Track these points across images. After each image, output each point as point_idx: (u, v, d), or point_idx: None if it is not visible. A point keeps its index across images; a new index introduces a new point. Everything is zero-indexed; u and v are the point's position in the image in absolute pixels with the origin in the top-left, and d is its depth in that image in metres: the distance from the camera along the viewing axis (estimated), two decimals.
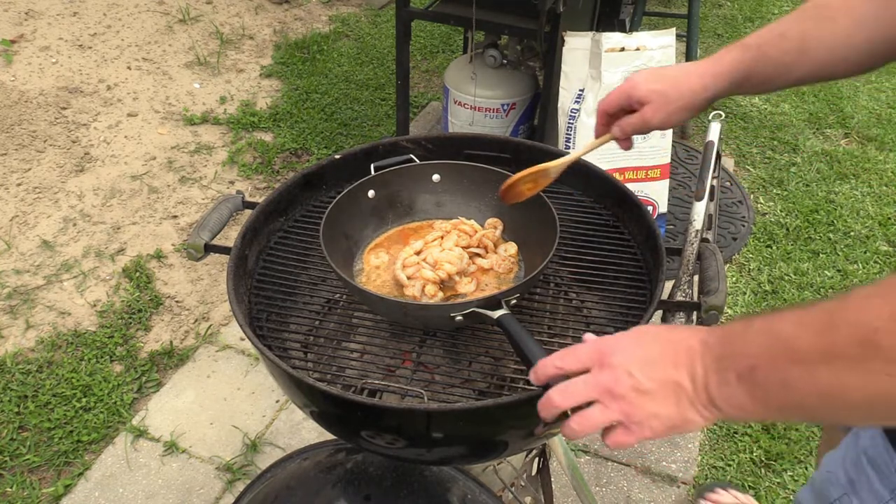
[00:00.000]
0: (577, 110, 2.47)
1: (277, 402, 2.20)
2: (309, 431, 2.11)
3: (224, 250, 1.16)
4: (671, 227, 2.79)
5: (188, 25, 3.96)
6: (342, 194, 1.18)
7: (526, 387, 0.98)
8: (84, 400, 2.17)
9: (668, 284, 1.09)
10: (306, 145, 3.23)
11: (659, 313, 1.08)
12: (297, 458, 1.32)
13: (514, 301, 1.04)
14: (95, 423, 2.11)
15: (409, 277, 1.12)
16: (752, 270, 2.70)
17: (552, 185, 1.28)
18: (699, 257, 1.14)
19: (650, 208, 2.44)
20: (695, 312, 1.06)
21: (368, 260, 1.21)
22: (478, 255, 1.19)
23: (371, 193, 1.23)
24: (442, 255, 1.14)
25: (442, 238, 1.20)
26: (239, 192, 1.31)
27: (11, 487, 1.95)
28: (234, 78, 3.67)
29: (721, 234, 2.81)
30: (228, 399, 2.22)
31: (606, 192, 1.29)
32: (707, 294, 1.03)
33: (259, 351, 1.00)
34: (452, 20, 2.58)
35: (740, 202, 2.99)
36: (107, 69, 3.59)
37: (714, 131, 1.37)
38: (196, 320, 2.46)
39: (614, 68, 2.40)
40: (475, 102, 2.71)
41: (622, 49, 2.40)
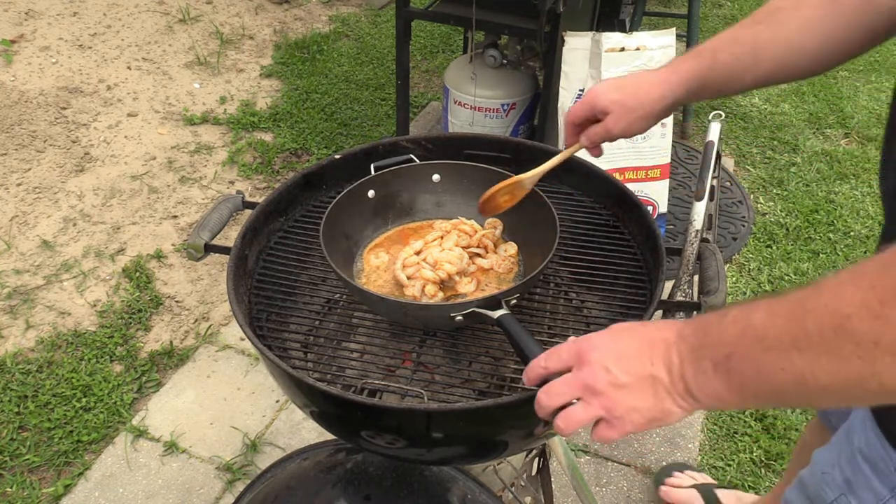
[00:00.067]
0: None
1: (277, 402, 2.20)
2: (309, 431, 2.11)
3: (224, 250, 1.16)
4: (671, 227, 2.79)
5: (188, 25, 3.96)
6: (342, 194, 1.18)
7: (526, 387, 0.98)
8: (84, 400, 2.17)
9: (668, 284, 1.09)
10: (306, 145, 3.23)
11: (659, 313, 1.08)
12: (297, 458, 1.32)
13: (514, 301, 1.04)
14: (95, 423, 2.12)
15: (409, 277, 1.12)
16: (752, 270, 2.70)
17: (552, 185, 1.29)
18: (699, 257, 1.14)
19: (650, 208, 2.44)
20: (695, 312, 1.06)
21: (368, 260, 1.21)
22: (478, 255, 1.19)
23: (371, 193, 1.23)
24: (442, 255, 1.14)
25: (442, 238, 1.20)
26: (239, 192, 1.31)
27: (11, 487, 1.95)
28: (234, 78, 3.67)
29: (721, 234, 2.81)
30: (228, 399, 2.22)
31: (606, 192, 1.30)
32: (707, 294, 1.03)
33: (259, 351, 1.00)
34: (452, 20, 2.58)
35: (740, 202, 2.99)
36: (107, 69, 3.59)
37: (714, 131, 1.37)
38: (196, 320, 2.46)
39: (614, 68, 2.40)
40: (475, 102, 2.71)
41: (622, 49, 2.40)
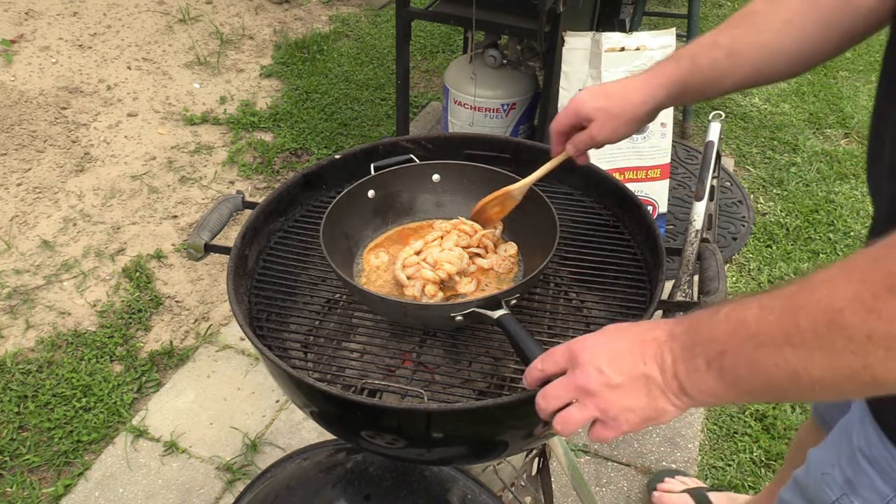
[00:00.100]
0: None
1: (277, 402, 2.20)
2: (309, 431, 2.11)
3: (224, 250, 1.16)
4: (671, 227, 2.79)
5: (188, 25, 3.96)
6: (342, 194, 1.18)
7: (526, 387, 0.99)
8: (84, 400, 2.17)
9: (668, 284, 1.09)
10: (306, 145, 3.23)
11: (659, 313, 1.08)
12: (297, 458, 1.32)
13: (514, 301, 1.04)
14: (95, 423, 2.11)
15: (409, 277, 1.12)
16: (752, 270, 2.70)
17: (552, 185, 1.29)
18: (699, 257, 1.14)
19: (650, 208, 2.44)
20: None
21: (368, 260, 1.21)
22: (478, 255, 1.19)
23: (371, 193, 1.23)
24: (442, 256, 1.14)
25: (442, 238, 1.20)
26: (239, 192, 1.31)
27: (11, 487, 1.95)
28: (234, 78, 3.67)
29: (721, 234, 2.81)
30: (228, 399, 2.22)
31: (606, 192, 1.29)
32: (707, 294, 1.03)
33: (259, 351, 1.00)
34: (452, 20, 2.58)
35: (740, 202, 2.99)
36: (107, 69, 3.59)
37: (714, 131, 1.37)
38: (196, 320, 2.46)
39: (614, 68, 2.40)
40: (475, 102, 2.71)
41: (622, 49, 2.40)
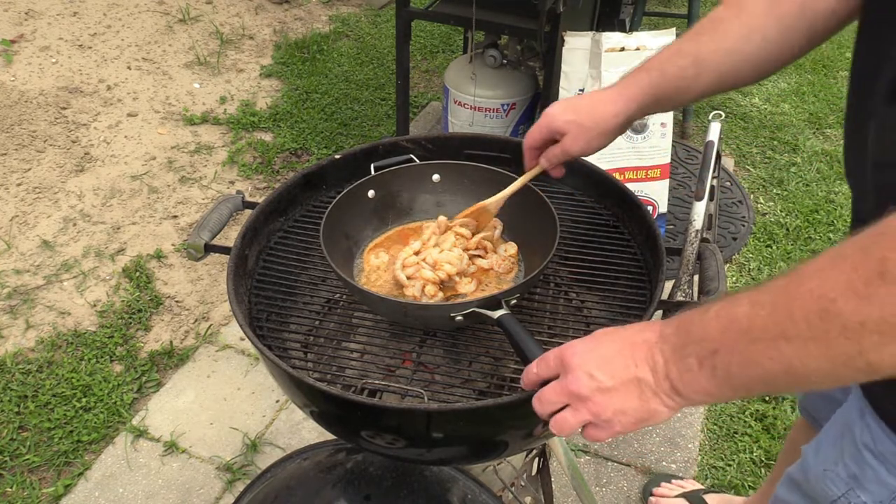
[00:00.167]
0: None
1: (277, 402, 2.20)
2: (309, 431, 2.11)
3: (224, 250, 1.16)
4: (671, 227, 2.79)
5: (188, 25, 3.96)
6: (342, 194, 1.18)
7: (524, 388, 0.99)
8: (84, 400, 2.17)
9: (668, 284, 1.09)
10: (306, 145, 3.23)
11: (659, 313, 1.08)
12: (297, 458, 1.32)
13: (514, 301, 1.04)
14: (95, 423, 2.11)
15: (408, 278, 1.12)
16: (752, 270, 2.70)
17: (552, 185, 1.29)
18: (699, 257, 1.14)
19: (650, 208, 2.44)
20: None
21: (368, 260, 1.21)
22: (478, 255, 1.19)
23: (371, 193, 1.23)
24: (441, 256, 1.14)
25: (438, 237, 1.20)
26: (239, 192, 1.31)
27: (11, 487, 1.95)
28: (234, 78, 3.67)
29: (721, 234, 2.81)
30: (228, 399, 2.22)
31: (606, 192, 1.30)
32: (707, 294, 1.03)
33: (259, 351, 1.00)
34: (452, 20, 2.58)
35: (740, 202, 2.99)
36: (107, 69, 3.59)
37: (714, 131, 1.37)
38: (196, 320, 2.46)
39: (614, 68, 2.40)
40: (475, 102, 2.71)
41: (622, 49, 2.40)
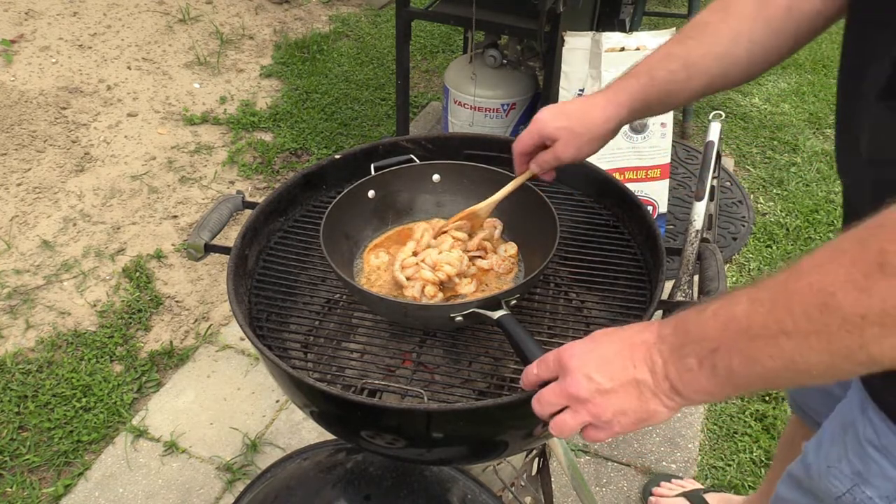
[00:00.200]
0: None
1: (277, 402, 2.20)
2: (309, 431, 2.11)
3: (224, 250, 1.16)
4: (671, 227, 2.79)
5: (188, 25, 3.96)
6: (342, 194, 1.18)
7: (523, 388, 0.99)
8: (84, 400, 2.17)
9: (668, 284, 1.09)
10: (306, 145, 3.23)
11: (659, 313, 1.08)
12: (297, 458, 1.32)
13: (514, 301, 1.04)
14: (95, 423, 2.11)
15: (408, 279, 1.12)
16: (752, 270, 2.70)
17: (552, 186, 1.28)
18: (699, 257, 1.14)
19: (650, 208, 2.44)
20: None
21: (368, 260, 1.21)
22: (478, 256, 1.19)
23: (371, 193, 1.23)
24: (441, 257, 1.14)
25: (435, 237, 1.20)
26: (239, 192, 1.31)
27: (11, 487, 1.95)
28: (234, 78, 3.67)
29: (721, 234, 2.81)
30: (228, 399, 2.22)
31: (606, 192, 1.30)
32: (707, 294, 1.03)
33: (259, 351, 1.00)
34: (452, 20, 2.58)
35: (740, 202, 2.99)
36: (107, 69, 3.59)
37: (714, 131, 1.37)
38: (196, 320, 2.46)
39: (614, 68, 2.40)
40: (475, 102, 2.71)
41: (622, 49, 2.40)
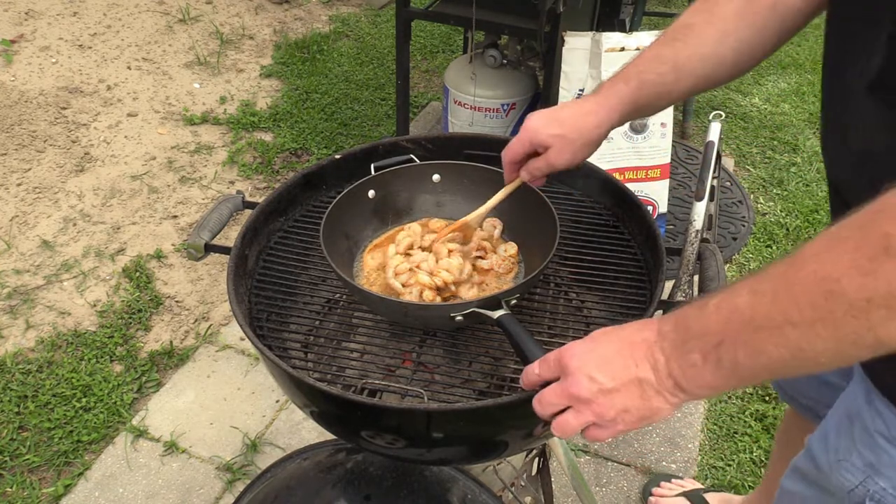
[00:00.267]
0: None
1: (277, 402, 2.20)
2: (309, 431, 2.11)
3: (224, 250, 1.16)
4: (671, 227, 2.79)
5: (188, 25, 3.96)
6: (342, 194, 1.18)
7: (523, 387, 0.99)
8: (84, 400, 2.17)
9: (669, 284, 1.09)
10: (306, 145, 3.23)
11: (659, 313, 1.08)
12: (297, 458, 1.32)
13: (514, 301, 1.04)
14: (95, 423, 2.11)
15: (403, 285, 1.11)
16: (752, 270, 2.69)
17: (552, 185, 1.29)
18: (699, 257, 1.14)
19: (650, 208, 2.44)
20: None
21: (366, 261, 1.21)
22: (479, 256, 1.19)
23: (371, 193, 1.23)
24: (440, 264, 1.13)
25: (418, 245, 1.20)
26: (239, 192, 1.31)
27: (11, 487, 1.95)
28: (234, 78, 3.67)
29: (721, 234, 2.81)
30: (228, 399, 2.22)
31: (606, 192, 1.30)
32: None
33: (259, 351, 1.00)
34: (452, 20, 2.58)
35: (740, 202, 2.99)
36: (107, 69, 3.59)
37: (714, 131, 1.37)
38: (196, 320, 2.46)
39: (614, 68, 2.36)
40: (475, 102, 2.71)
41: (622, 49, 2.40)
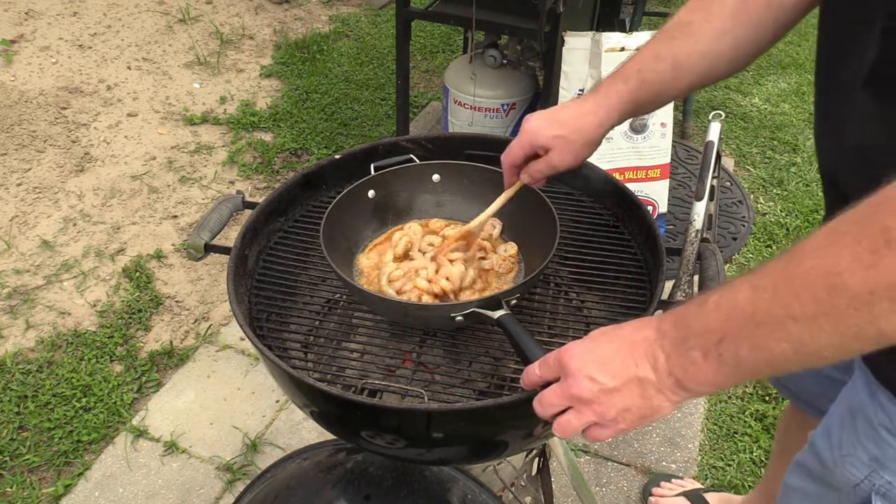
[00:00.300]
0: None
1: (277, 402, 2.20)
2: (309, 431, 2.11)
3: (224, 250, 1.16)
4: (671, 227, 2.79)
5: (188, 25, 3.96)
6: (342, 194, 1.18)
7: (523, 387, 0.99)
8: (84, 400, 2.17)
9: (669, 284, 1.09)
10: (306, 145, 3.23)
11: (659, 313, 1.08)
12: (297, 458, 1.32)
13: (514, 301, 1.04)
14: (95, 423, 2.11)
15: (398, 292, 1.11)
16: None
17: (552, 185, 1.29)
18: (699, 257, 1.14)
19: (650, 208, 2.44)
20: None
21: (362, 261, 1.21)
22: (480, 257, 1.19)
23: (371, 193, 1.23)
24: (441, 272, 1.12)
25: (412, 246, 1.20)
26: (239, 192, 1.31)
27: (11, 487, 1.95)
28: (234, 78, 3.67)
29: (721, 234, 2.81)
30: (228, 399, 2.22)
31: (606, 192, 1.29)
32: None
33: (259, 351, 1.00)
34: (452, 20, 2.58)
35: (740, 202, 2.99)
36: (107, 69, 3.59)
37: (714, 131, 1.37)
38: (196, 320, 2.46)
39: (614, 68, 2.40)
40: (475, 102, 2.71)
41: (622, 49, 2.40)
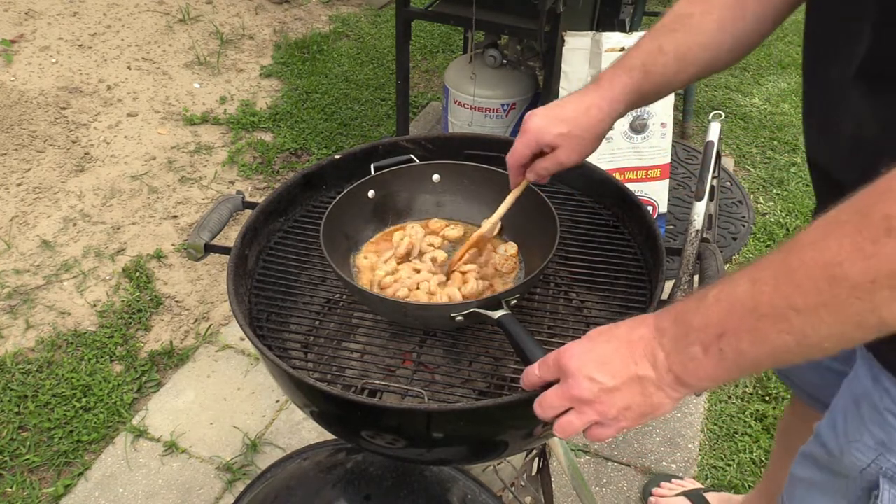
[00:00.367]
0: None
1: (277, 402, 2.20)
2: (309, 431, 2.11)
3: (224, 250, 1.16)
4: (671, 227, 2.79)
5: (188, 25, 3.96)
6: (342, 194, 1.18)
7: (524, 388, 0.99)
8: (84, 400, 2.17)
9: (669, 284, 1.09)
10: (306, 145, 3.23)
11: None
12: (297, 458, 1.32)
13: (514, 301, 1.04)
14: (95, 423, 2.11)
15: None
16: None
17: (552, 185, 1.29)
18: (699, 257, 1.14)
19: (650, 208, 2.44)
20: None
21: (360, 261, 1.21)
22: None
23: (371, 193, 1.23)
24: (446, 291, 1.12)
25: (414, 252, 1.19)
26: (239, 192, 1.31)
27: (11, 487, 1.95)
28: (234, 78, 3.67)
29: (721, 234, 2.81)
30: (228, 399, 2.22)
31: (606, 192, 1.30)
32: None
33: (259, 351, 1.00)
34: (452, 20, 2.58)
35: (740, 202, 2.99)
36: (107, 69, 3.59)
37: (714, 131, 1.37)
38: (196, 320, 2.46)
39: (614, 61, 2.40)
40: (475, 102, 2.71)
41: (622, 49, 2.40)
